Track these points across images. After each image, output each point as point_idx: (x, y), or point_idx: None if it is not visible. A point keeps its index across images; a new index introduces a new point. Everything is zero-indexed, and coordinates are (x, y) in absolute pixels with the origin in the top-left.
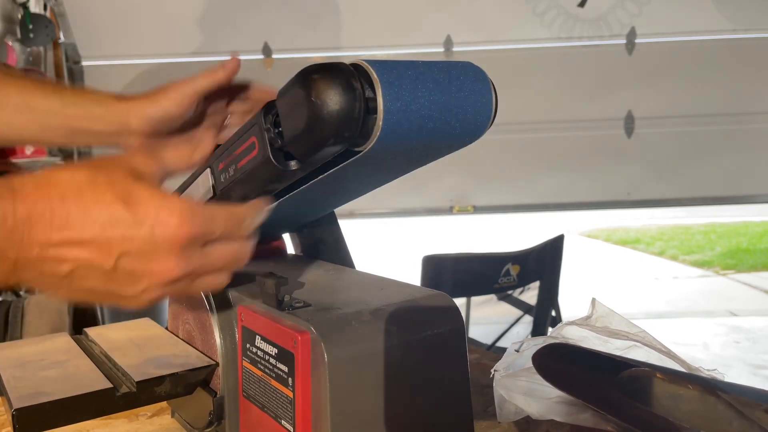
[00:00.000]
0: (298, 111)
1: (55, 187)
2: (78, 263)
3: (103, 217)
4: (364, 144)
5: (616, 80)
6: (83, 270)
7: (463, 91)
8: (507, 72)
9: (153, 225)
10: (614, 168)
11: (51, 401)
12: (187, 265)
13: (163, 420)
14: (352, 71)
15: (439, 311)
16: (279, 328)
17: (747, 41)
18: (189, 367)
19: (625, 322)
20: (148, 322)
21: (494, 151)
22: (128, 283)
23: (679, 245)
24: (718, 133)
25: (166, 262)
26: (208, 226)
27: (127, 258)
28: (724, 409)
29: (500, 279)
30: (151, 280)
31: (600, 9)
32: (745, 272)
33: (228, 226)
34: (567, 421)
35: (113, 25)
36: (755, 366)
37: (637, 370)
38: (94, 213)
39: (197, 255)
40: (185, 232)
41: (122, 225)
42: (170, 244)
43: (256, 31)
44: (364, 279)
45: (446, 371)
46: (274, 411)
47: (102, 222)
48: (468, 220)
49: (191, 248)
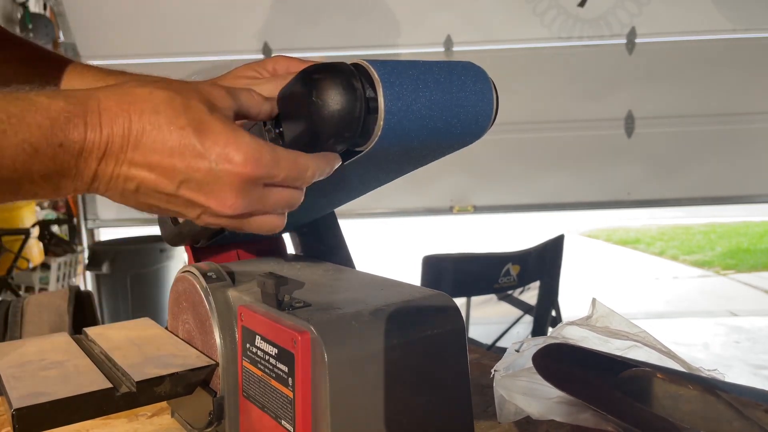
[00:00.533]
0: (299, 111)
1: (134, 103)
2: (143, 183)
3: (173, 141)
4: (364, 144)
5: (616, 80)
6: (147, 189)
7: (465, 91)
8: (507, 72)
9: (218, 159)
10: (614, 168)
11: (51, 401)
12: (244, 203)
13: (163, 420)
14: (353, 71)
15: (440, 311)
16: (279, 328)
17: (747, 41)
18: (189, 367)
19: (626, 322)
20: (147, 321)
21: (494, 151)
22: (187, 207)
23: (679, 245)
24: (718, 133)
25: (224, 198)
26: (272, 168)
27: (188, 185)
28: (724, 409)
29: (500, 279)
30: (208, 210)
31: (600, 9)
32: (746, 272)
33: (290, 173)
34: (567, 421)
35: (113, 25)
36: (755, 366)
37: (638, 370)
38: (165, 134)
39: (256, 195)
40: (249, 171)
41: (188, 153)
42: (231, 181)
43: (256, 31)
44: (364, 279)
45: (446, 371)
46: (274, 411)
47: (171, 146)
48: (468, 220)
49: (251, 187)
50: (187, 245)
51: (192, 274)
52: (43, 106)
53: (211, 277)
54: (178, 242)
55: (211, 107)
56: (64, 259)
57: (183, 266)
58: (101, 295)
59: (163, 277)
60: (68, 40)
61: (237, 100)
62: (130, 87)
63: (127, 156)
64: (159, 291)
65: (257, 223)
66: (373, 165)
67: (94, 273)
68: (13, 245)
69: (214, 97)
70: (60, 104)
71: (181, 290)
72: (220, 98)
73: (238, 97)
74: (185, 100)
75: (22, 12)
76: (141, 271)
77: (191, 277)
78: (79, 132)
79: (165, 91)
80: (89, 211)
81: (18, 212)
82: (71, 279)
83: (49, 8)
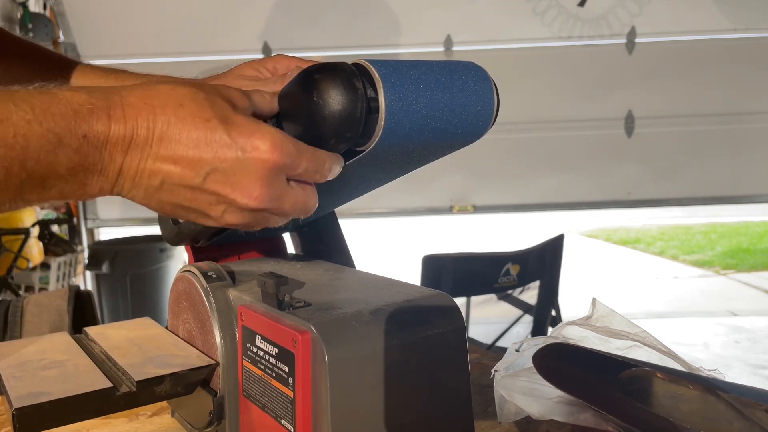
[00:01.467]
0: (300, 111)
1: (157, 97)
2: (168, 177)
3: (199, 132)
4: (365, 144)
5: (616, 80)
6: (171, 185)
7: (465, 90)
8: (507, 72)
9: (244, 147)
10: (614, 168)
11: (51, 401)
12: (269, 194)
13: (163, 419)
14: (354, 71)
15: (440, 311)
16: (279, 328)
17: (747, 41)
18: (189, 366)
19: (626, 322)
20: (148, 321)
21: (494, 151)
22: (211, 204)
23: (679, 245)
24: (718, 133)
25: (252, 188)
26: (296, 158)
27: (215, 176)
28: (724, 409)
29: (500, 279)
30: (233, 203)
31: (600, 8)
32: (746, 272)
33: (311, 165)
34: (567, 421)
35: (113, 24)
36: (755, 366)
37: (638, 370)
38: (190, 126)
39: (279, 188)
40: (275, 158)
41: (215, 144)
42: (258, 169)
43: (256, 31)
44: (365, 279)
45: (446, 371)
46: (274, 411)
47: (196, 138)
48: (468, 220)
49: (277, 177)
50: (187, 245)
51: (192, 273)
52: (66, 98)
53: (211, 276)
54: (178, 242)
55: (232, 104)
56: (64, 259)
57: (183, 266)
58: (101, 295)
59: (163, 277)
60: (68, 40)
61: (252, 101)
62: (151, 84)
63: (153, 149)
64: (159, 291)
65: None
66: (373, 165)
67: (94, 273)
68: (13, 245)
69: (233, 97)
70: (83, 97)
71: (181, 290)
72: (239, 98)
73: (252, 97)
74: (208, 96)
75: (22, 12)
76: (141, 270)
77: (191, 277)
78: (103, 124)
79: (188, 87)
80: (89, 210)
81: (18, 212)
82: (71, 279)
83: (49, 8)
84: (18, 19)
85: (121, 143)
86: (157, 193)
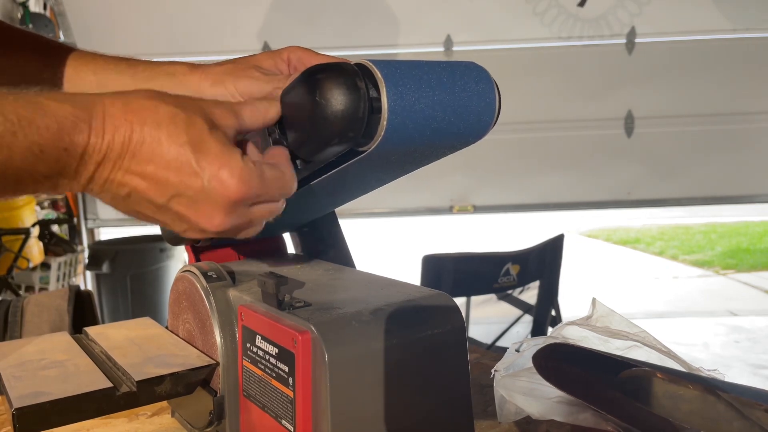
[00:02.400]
0: (302, 111)
1: (138, 113)
2: (135, 191)
3: (171, 155)
4: (368, 144)
5: (616, 80)
6: (138, 197)
7: (467, 91)
8: (507, 72)
9: (211, 179)
10: (614, 168)
11: (51, 401)
12: (231, 222)
13: (163, 419)
14: (357, 71)
15: (440, 311)
16: (279, 328)
17: (747, 41)
18: (189, 366)
19: (626, 322)
20: (148, 321)
21: (494, 151)
22: (175, 220)
23: (679, 245)
24: (718, 133)
25: (212, 216)
26: (261, 191)
27: (179, 200)
28: (724, 409)
29: (500, 279)
30: (195, 225)
31: (600, 8)
32: (745, 272)
33: (276, 192)
34: (567, 421)
35: (113, 24)
36: (755, 366)
37: (638, 370)
38: (164, 148)
39: (243, 213)
40: (240, 193)
41: (184, 170)
42: (221, 201)
43: (257, 31)
44: (365, 278)
45: (446, 371)
46: (274, 411)
47: (167, 160)
48: (468, 220)
49: (239, 208)
50: (187, 245)
51: (192, 273)
52: (51, 110)
53: (211, 276)
54: (178, 242)
55: (212, 125)
56: (64, 259)
57: (183, 266)
58: (101, 295)
59: (163, 277)
60: (68, 39)
61: (239, 119)
62: (137, 97)
63: (124, 163)
64: (159, 290)
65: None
66: (375, 165)
67: (94, 272)
68: (13, 245)
69: (216, 116)
70: (68, 109)
71: (181, 290)
72: (223, 117)
73: (240, 115)
74: (188, 117)
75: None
76: (141, 270)
77: (191, 277)
78: (83, 137)
79: (169, 106)
80: (89, 210)
81: (18, 212)
82: (71, 278)
83: (49, 8)
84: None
85: (96, 154)
86: (124, 201)
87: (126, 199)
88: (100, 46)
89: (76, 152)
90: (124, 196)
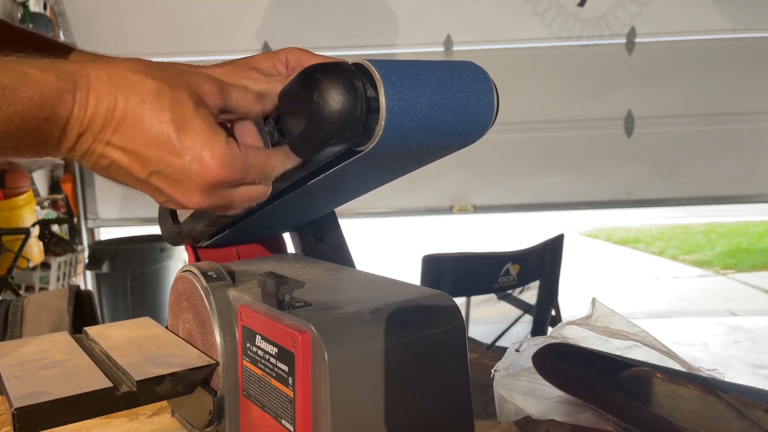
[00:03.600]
0: (300, 111)
1: (123, 87)
2: (116, 163)
3: (153, 133)
4: (366, 144)
5: (616, 80)
6: (118, 169)
7: (466, 91)
8: (507, 72)
9: (192, 160)
10: (614, 168)
11: (51, 401)
12: (210, 201)
13: (163, 419)
14: (354, 71)
15: (440, 311)
16: (279, 328)
17: (747, 41)
18: (189, 366)
19: (626, 321)
20: (148, 321)
21: (494, 151)
22: (154, 193)
23: (679, 245)
24: (718, 133)
25: (191, 195)
26: (241, 174)
27: (158, 177)
28: (724, 409)
29: (500, 278)
30: (173, 200)
31: (600, 8)
32: (745, 272)
33: (259, 175)
34: (567, 421)
35: (113, 24)
36: (755, 366)
37: (637, 370)
38: (146, 125)
39: (223, 194)
40: (219, 176)
41: (165, 149)
42: (200, 182)
43: (256, 31)
44: (365, 278)
45: (446, 371)
46: (274, 410)
47: (149, 138)
48: (468, 220)
49: (219, 189)
50: (187, 245)
51: (192, 273)
52: (35, 80)
53: (211, 276)
54: (178, 242)
55: (198, 103)
56: (64, 259)
57: (183, 266)
58: (101, 295)
59: (163, 277)
60: (68, 39)
61: (227, 99)
62: (123, 69)
63: (105, 136)
64: (159, 290)
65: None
66: (373, 165)
67: (94, 272)
68: (13, 245)
69: (204, 93)
70: (51, 79)
71: (181, 290)
72: (210, 94)
73: (229, 95)
74: (173, 93)
75: (22, 12)
76: (141, 270)
77: (191, 277)
78: (67, 108)
79: (155, 81)
80: (89, 210)
81: (18, 212)
82: (71, 278)
83: (49, 8)
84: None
85: (78, 126)
86: (105, 171)
87: (106, 169)
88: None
89: (59, 123)
90: (105, 167)
